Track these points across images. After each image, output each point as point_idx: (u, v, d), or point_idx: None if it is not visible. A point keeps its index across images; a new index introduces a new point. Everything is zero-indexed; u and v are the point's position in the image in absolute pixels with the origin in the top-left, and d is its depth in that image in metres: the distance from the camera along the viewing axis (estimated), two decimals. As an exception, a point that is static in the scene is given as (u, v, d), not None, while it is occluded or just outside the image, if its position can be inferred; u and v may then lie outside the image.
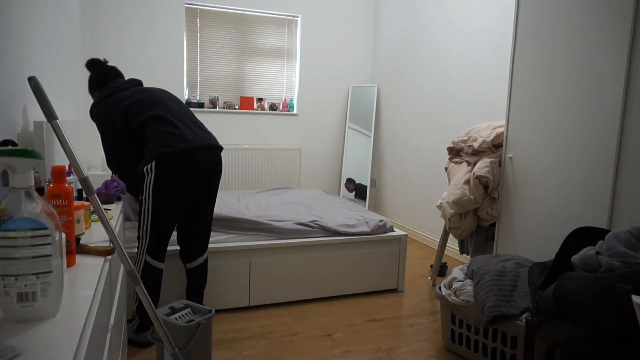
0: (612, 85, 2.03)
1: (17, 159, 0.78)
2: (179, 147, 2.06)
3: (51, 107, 1.06)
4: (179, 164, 2.07)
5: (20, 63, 1.80)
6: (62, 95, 2.91)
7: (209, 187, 2.26)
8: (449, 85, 3.95)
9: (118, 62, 4.38)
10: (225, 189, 4.83)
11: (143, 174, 2.08)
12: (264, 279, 2.74)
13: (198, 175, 2.15)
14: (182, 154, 2.07)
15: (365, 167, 5.06)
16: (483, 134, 2.81)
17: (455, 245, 3.85)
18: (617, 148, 2.02)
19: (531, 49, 2.45)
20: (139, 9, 4.39)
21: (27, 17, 1.95)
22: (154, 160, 2.04)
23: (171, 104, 2.22)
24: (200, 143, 2.14)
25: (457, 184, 2.81)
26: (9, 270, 0.77)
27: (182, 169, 2.08)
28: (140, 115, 2.11)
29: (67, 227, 1.08)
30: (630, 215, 1.98)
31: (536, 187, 2.44)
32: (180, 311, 2.01)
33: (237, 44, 4.81)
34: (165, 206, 2.11)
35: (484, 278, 2.13)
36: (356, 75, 5.29)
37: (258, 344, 2.34)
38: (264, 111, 4.96)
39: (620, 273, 1.50)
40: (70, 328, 0.77)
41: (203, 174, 2.18)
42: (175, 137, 2.08)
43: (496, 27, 3.44)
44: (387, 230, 3.05)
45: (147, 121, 2.11)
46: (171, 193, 2.09)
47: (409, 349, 2.34)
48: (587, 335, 1.51)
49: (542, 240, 2.42)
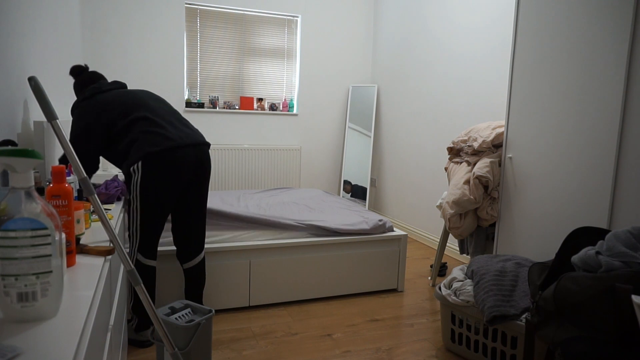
0: (612, 85, 2.03)
1: (17, 159, 0.78)
2: (164, 146, 2.07)
3: (51, 107, 1.06)
4: (165, 162, 2.08)
5: (20, 63, 1.80)
6: (62, 95, 2.91)
7: (199, 184, 2.26)
8: (449, 86, 3.95)
9: (118, 62, 4.38)
10: (225, 188, 4.83)
11: (130, 174, 2.09)
12: (264, 279, 2.74)
13: (186, 173, 2.15)
14: (168, 152, 2.08)
15: (365, 167, 5.06)
16: (483, 134, 2.81)
17: (455, 245, 3.85)
18: (617, 148, 2.02)
19: (531, 49, 2.45)
20: (139, 9, 4.39)
21: (27, 17, 1.95)
22: (140, 160, 2.05)
23: (154, 103, 2.22)
24: (186, 141, 2.14)
25: (457, 184, 2.82)
26: (9, 270, 0.77)
27: (169, 167, 2.09)
28: (123, 118, 2.11)
29: (67, 227, 1.08)
30: (630, 215, 1.98)
31: (536, 187, 2.44)
32: (180, 311, 2.01)
33: (237, 44, 4.81)
34: (153, 204, 2.12)
35: (484, 278, 2.13)
36: (356, 75, 5.29)
37: (258, 344, 2.34)
38: (264, 111, 4.96)
39: (620, 273, 1.50)
40: (70, 328, 0.77)
41: (191, 172, 2.18)
42: (160, 136, 2.09)
43: (496, 27, 3.44)
44: (387, 230, 3.05)
45: (131, 123, 2.11)
46: (159, 191, 2.10)
47: (409, 349, 2.34)
48: (587, 335, 1.51)
49: (542, 240, 2.42)
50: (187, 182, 2.20)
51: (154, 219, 2.15)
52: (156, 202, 2.12)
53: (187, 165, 2.14)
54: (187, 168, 2.15)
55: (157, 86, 4.53)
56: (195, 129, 2.27)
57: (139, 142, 2.07)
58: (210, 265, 2.61)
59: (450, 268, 3.55)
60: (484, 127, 2.88)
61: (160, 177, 2.08)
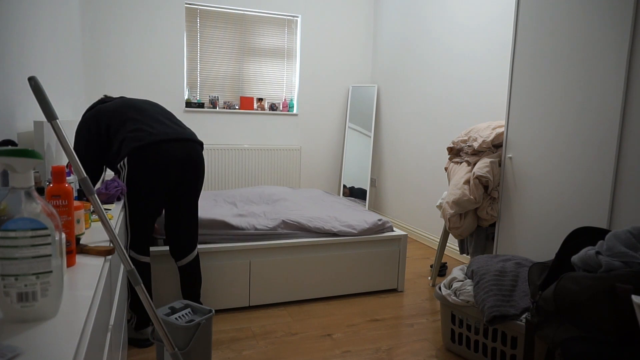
0: (612, 85, 2.03)
1: (17, 159, 0.78)
2: (148, 140, 2.10)
3: (51, 107, 1.06)
4: (150, 156, 2.10)
5: (20, 63, 1.80)
6: (62, 95, 2.91)
7: (188, 182, 2.27)
8: (449, 85, 3.95)
9: (118, 62, 4.38)
10: (225, 188, 4.83)
11: (118, 170, 2.14)
12: (264, 279, 2.74)
13: (173, 167, 2.17)
14: (152, 146, 2.11)
15: (365, 167, 5.06)
16: (483, 134, 2.81)
17: (455, 245, 3.85)
18: (617, 148, 2.02)
19: (531, 49, 2.45)
20: (139, 9, 4.39)
21: (27, 17, 1.95)
22: (126, 156, 2.09)
23: (147, 106, 2.29)
24: (171, 136, 2.16)
25: (457, 184, 2.82)
26: (9, 270, 0.77)
27: (153, 161, 2.11)
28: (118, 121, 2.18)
29: (67, 227, 1.08)
30: (630, 215, 1.98)
31: (536, 187, 2.44)
32: (180, 311, 2.01)
33: (237, 44, 4.81)
34: (142, 199, 2.14)
35: (484, 278, 2.13)
36: (356, 75, 5.29)
37: (258, 344, 2.34)
38: (264, 111, 4.96)
39: (620, 273, 1.50)
40: (70, 328, 0.77)
41: (178, 167, 2.19)
42: (145, 132, 2.13)
43: (496, 27, 3.44)
44: (387, 230, 3.05)
45: (123, 124, 2.16)
46: (146, 186, 2.13)
47: (409, 349, 2.34)
48: (587, 335, 1.51)
49: (542, 240, 2.42)
50: (176, 178, 2.21)
51: (142, 215, 2.18)
52: (144, 196, 2.14)
53: (173, 159, 2.15)
54: (174, 162, 2.16)
55: (157, 86, 4.53)
56: (186, 128, 2.31)
57: (126, 140, 2.12)
58: (210, 265, 2.61)
59: (450, 268, 3.55)
60: (484, 127, 2.88)
61: (146, 171, 2.11)
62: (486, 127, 2.86)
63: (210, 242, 2.65)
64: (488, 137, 2.76)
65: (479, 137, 2.82)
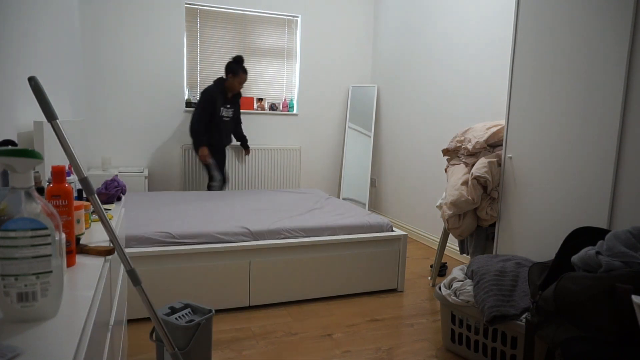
0: (612, 85, 2.03)
1: (17, 159, 0.78)
2: None
3: (51, 107, 1.05)
4: None
5: (20, 63, 1.80)
6: (62, 95, 2.91)
7: None
8: (449, 86, 3.95)
9: (118, 62, 4.38)
10: (225, 188, 4.83)
11: None
12: (264, 279, 2.74)
13: None
14: None
15: (365, 167, 5.06)
16: (476, 134, 2.81)
17: (455, 245, 3.85)
18: (617, 148, 2.02)
19: (531, 48, 2.45)
20: (139, 9, 4.39)
21: (27, 17, 1.95)
22: None
23: None
24: None
25: (455, 185, 2.81)
26: (9, 270, 0.77)
27: None
28: None
29: (67, 227, 1.08)
30: (630, 215, 1.98)
31: (536, 187, 2.44)
32: (180, 311, 2.01)
33: (237, 44, 4.81)
34: None
35: (484, 278, 2.13)
36: (356, 75, 5.29)
37: (258, 344, 2.34)
38: (264, 111, 4.96)
39: (620, 273, 1.50)
40: (70, 328, 0.77)
41: None
42: None
43: (496, 27, 3.44)
44: (387, 230, 3.05)
45: None
46: None
47: (409, 349, 2.34)
48: (587, 335, 1.51)
49: (542, 240, 2.42)
50: None
51: None
52: None
53: None
54: None
55: (157, 86, 4.53)
56: None
57: None
58: (210, 265, 2.61)
59: (450, 268, 3.55)
60: (480, 127, 2.88)
61: None
62: (481, 127, 2.87)
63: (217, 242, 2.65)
64: (481, 137, 2.76)
65: (472, 137, 2.82)
